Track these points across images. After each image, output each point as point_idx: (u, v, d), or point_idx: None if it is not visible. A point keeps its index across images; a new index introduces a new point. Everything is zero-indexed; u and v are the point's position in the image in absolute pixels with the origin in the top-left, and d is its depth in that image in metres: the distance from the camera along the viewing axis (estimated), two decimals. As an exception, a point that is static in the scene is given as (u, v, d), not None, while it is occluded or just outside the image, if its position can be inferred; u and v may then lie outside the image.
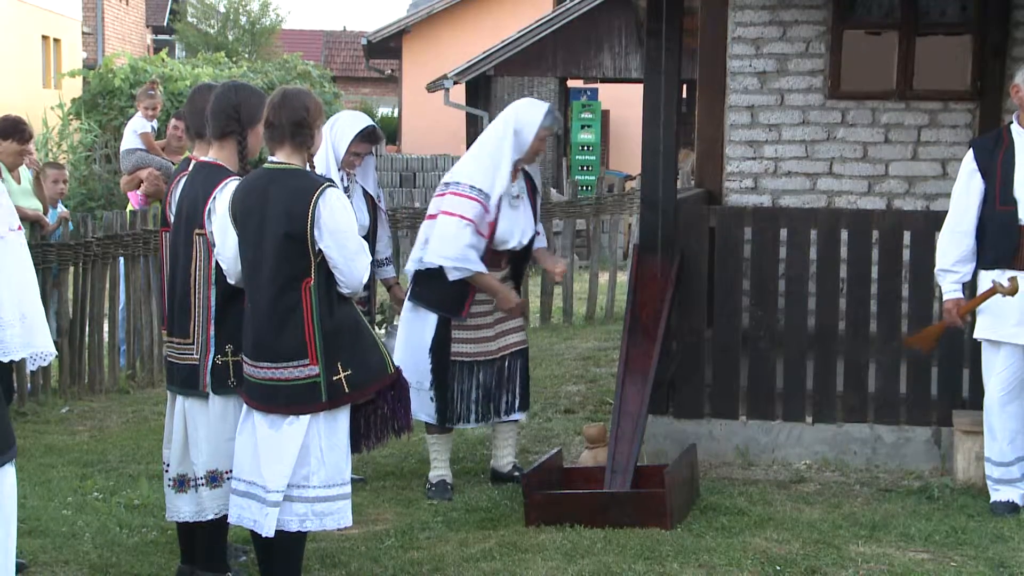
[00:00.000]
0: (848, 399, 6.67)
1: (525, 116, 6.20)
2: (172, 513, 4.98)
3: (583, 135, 23.29)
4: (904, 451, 6.62)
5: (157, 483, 6.12)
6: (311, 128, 4.62)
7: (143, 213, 9.46)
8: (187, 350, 4.86)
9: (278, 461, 4.58)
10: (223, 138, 4.89)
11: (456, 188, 6.12)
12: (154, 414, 8.22)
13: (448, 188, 6.16)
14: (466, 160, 6.25)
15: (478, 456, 7.03)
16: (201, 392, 4.82)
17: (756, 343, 6.72)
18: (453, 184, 6.16)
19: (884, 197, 8.26)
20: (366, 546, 5.50)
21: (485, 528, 5.77)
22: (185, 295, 4.85)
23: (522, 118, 6.19)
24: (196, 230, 4.81)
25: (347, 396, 4.61)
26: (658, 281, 6.51)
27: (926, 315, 6.57)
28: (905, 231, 6.65)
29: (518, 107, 6.30)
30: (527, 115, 6.21)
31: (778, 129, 8.34)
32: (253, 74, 20.09)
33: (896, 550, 5.39)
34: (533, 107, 6.27)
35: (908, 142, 8.25)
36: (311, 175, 4.66)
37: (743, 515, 5.83)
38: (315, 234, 4.53)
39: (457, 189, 6.11)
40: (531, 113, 6.22)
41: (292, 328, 4.55)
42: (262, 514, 4.60)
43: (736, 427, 6.74)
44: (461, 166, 6.24)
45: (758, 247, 6.74)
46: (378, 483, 6.56)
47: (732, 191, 8.37)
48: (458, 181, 6.14)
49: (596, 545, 5.38)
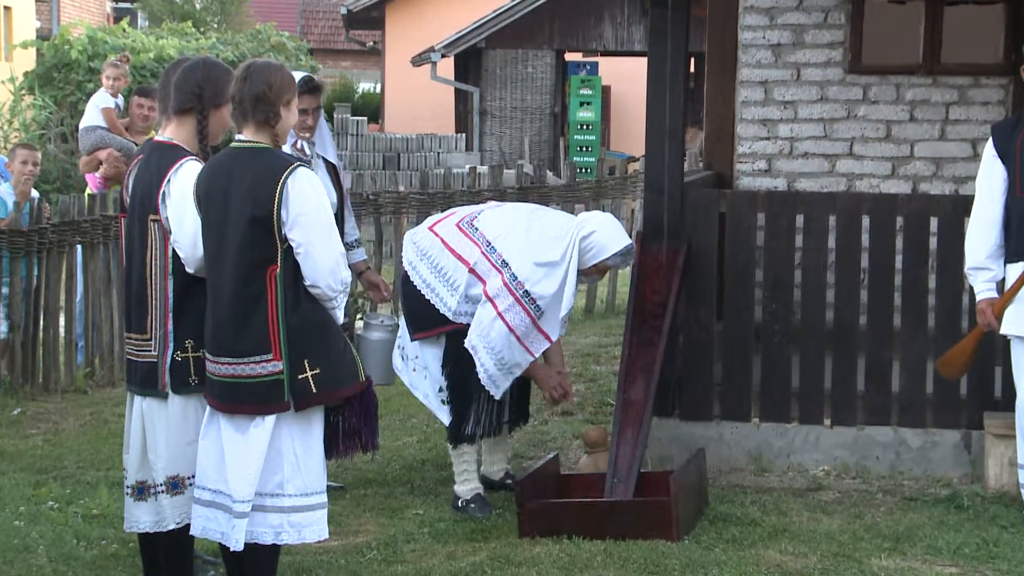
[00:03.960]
0: (870, 400, 6.68)
1: (598, 240, 6.01)
2: (131, 523, 4.98)
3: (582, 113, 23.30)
4: (931, 456, 6.62)
5: (117, 491, 6.12)
6: (274, 104, 4.61)
7: (102, 197, 9.44)
8: (145, 346, 4.87)
9: (244, 468, 4.58)
10: (182, 114, 4.89)
11: (510, 280, 5.96)
12: (114, 416, 8.21)
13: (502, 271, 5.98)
14: (520, 247, 6.01)
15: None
16: (160, 391, 4.83)
17: (770, 339, 6.72)
18: (505, 269, 5.98)
19: (909, 180, 8.26)
20: (346, 559, 5.50)
21: (475, 540, 5.77)
22: (142, 287, 4.86)
23: (595, 240, 6.01)
24: (150, 216, 4.82)
25: (315, 396, 4.60)
26: (663, 271, 6.51)
27: (955, 309, 6.58)
28: (932, 217, 6.65)
29: (598, 225, 6.09)
30: (601, 240, 6.02)
31: (794, 106, 8.33)
32: (223, 46, 20.06)
33: (922, 564, 5.40)
34: (614, 234, 6.07)
35: (935, 120, 8.25)
36: (279, 154, 4.66)
37: (756, 526, 5.83)
38: (282, 216, 4.52)
39: (511, 283, 5.96)
40: (606, 240, 6.03)
41: (255, 321, 4.55)
42: (229, 525, 4.60)
43: (748, 430, 6.74)
44: (517, 253, 6.00)
45: (772, 235, 6.74)
46: (359, 491, 6.55)
47: (744, 174, 8.36)
48: (527, 290, 5.95)
49: (596, 558, 5.38)
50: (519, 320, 5.96)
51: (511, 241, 6.06)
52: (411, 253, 6.27)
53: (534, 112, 23.95)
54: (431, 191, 11.77)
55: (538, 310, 5.98)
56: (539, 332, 6.03)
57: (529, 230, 6.09)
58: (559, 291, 5.98)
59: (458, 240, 6.16)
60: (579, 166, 18.04)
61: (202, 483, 4.70)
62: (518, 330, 5.96)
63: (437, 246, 6.19)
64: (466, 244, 6.13)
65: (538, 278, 5.97)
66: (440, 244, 6.18)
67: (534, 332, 6.01)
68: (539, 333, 6.03)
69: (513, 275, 5.98)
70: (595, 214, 6.35)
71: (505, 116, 23.97)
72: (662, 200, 6.63)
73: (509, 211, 6.33)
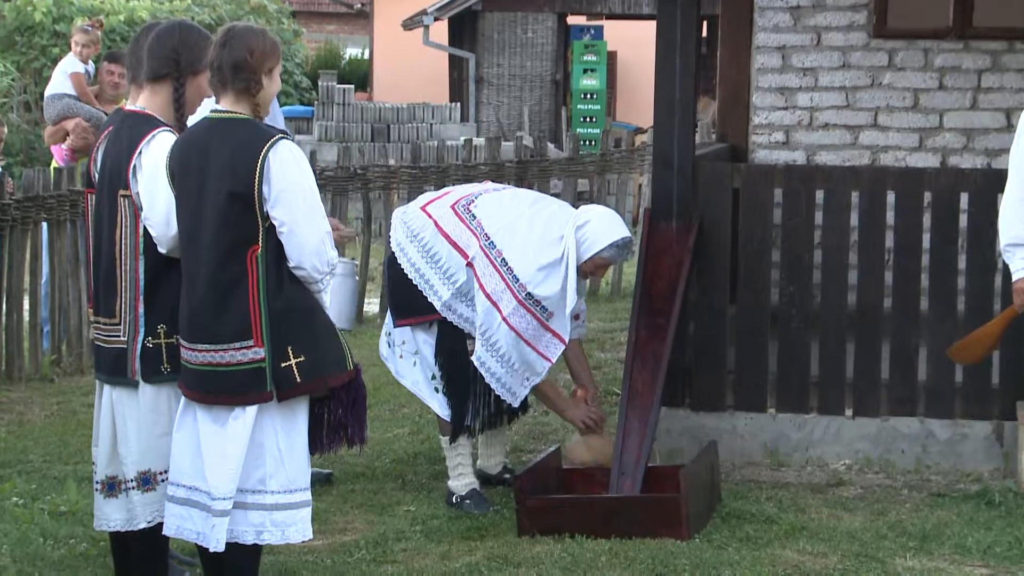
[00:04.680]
0: (895, 389, 6.68)
1: (592, 231, 6.03)
2: (100, 521, 4.99)
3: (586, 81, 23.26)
4: (960, 449, 6.63)
5: (86, 486, 6.12)
6: (255, 72, 4.61)
7: (69, 170, 9.42)
8: (114, 331, 4.87)
9: (223, 462, 4.59)
10: (157, 81, 4.88)
11: (511, 281, 5.97)
12: (83, 406, 8.22)
13: (501, 270, 5.99)
14: (520, 245, 6.02)
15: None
16: (130, 380, 4.83)
17: (787, 323, 6.72)
18: (506, 269, 5.99)
19: (938, 153, 8.26)
20: (332, 559, 5.50)
21: (471, 539, 5.78)
22: (111, 268, 4.86)
23: (589, 232, 6.03)
24: (120, 191, 4.82)
25: (299, 386, 4.61)
26: (673, 251, 6.51)
27: (986, 291, 6.58)
28: (962, 193, 6.65)
29: (593, 215, 6.13)
30: (595, 231, 6.04)
31: (814, 74, 8.32)
32: (199, 8, 20.03)
33: (950, 564, 5.41)
34: (610, 225, 6.09)
35: (966, 88, 8.24)
36: (260, 125, 4.66)
37: (772, 524, 5.84)
38: (264, 192, 4.51)
39: (514, 286, 5.97)
40: (601, 231, 6.06)
41: (235, 305, 4.55)
42: (207, 525, 4.61)
43: (764, 421, 6.75)
44: (518, 251, 6.02)
45: (790, 212, 6.73)
46: (346, 486, 6.56)
47: (760, 146, 8.36)
48: (530, 292, 5.96)
49: (600, 558, 5.39)
50: (526, 323, 5.97)
51: (512, 239, 6.05)
52: (400, 234, 6.23)
53: (534, 80, 23.92)
54: (423, 165, 11.77)
55: (544, 311, 6.00)
56: (551, 334, 6.03)
57: (531, 227, 6.08)
58: (563, 290, 6.00)
59: (454, 226, 6.12)
60: (582, 138, 18.03)
61: (176, 479, 4.70)
62: (526, 334, 5.98)
63: (430, 228, 6.16)
64: (463, 232, 6.10)
65: (540, 280, 5.99)
66: (433, 227, 6.15)
67: (545, 335, 6.03)
68: (551, 336, 6.04)
69: (515, 277, 5.98)
70: (594, 206, 6.38)
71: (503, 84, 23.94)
72: (671, 175, 6.62)
73: (509, 201, 6.29)
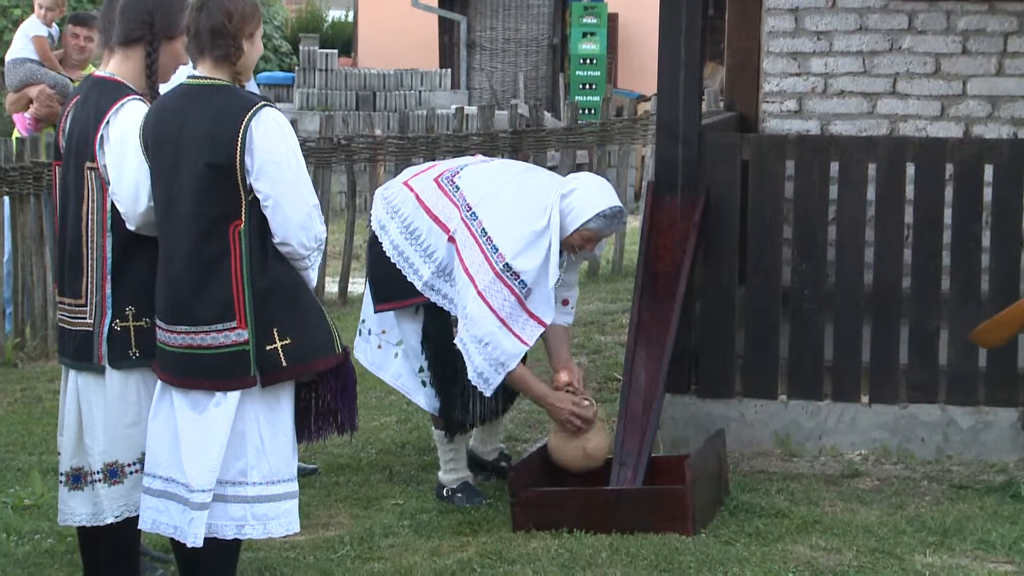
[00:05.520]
0: (914, 374, 6.71)
1: (578, 199, 5.99)
2: (65, 516, 5.00)
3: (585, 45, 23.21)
4: (983, 438, 6.66)
5: (52, 478, 6.13)
6: (234, 38, 4.63)
7: (33, 141, 9.43)
8: (79, 313, 4.88)
9: (203, 452, 4.60)
10: (128, 45, 4.89)
11: (490, 252, 5.93)
12: (48, 393, 8.24)
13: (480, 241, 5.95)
14: (503, 213, 5.99)
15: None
16: (96, 365, 4.84)
17: (800, 305, 6.74)
18: (485, 240, 5.95)
19: (961, 122, 8.27)
20: (315, 556, 5.53)
21: (463, 534, 5.80)
22: (76, 245, 4.86)
23: (575, 200, 5.98)
24: (87, 163, 4.83)
25: (285, 371, 4.62)
26: (678, 227, 6.53)
27: (1012, 269, 6.60)
28: (987, 164, 6.66)
29: (580, 184, 6.08)
30: (581, 200, 5.99)
31: (828, 37, 8.32)
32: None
33: (972, 561, 5.44)
34: (597, 194, 6.04)
35: (991, 53, 8.24)
36: (241, 92, 4.67)
37: (783, 517, 5.87)
38: (247, 164, 4.53)
39: (492, 256, 5.92)
40: (587, 200, 6.01)
41: (216, 284, 4.56)
42: (185, 519, 4.62)
43: (774, 409, 6.77)
44: (499, 220, 5.98)
45: (803, 185, 6.75)
46: (330, 478, 6.59)
47: (771, 115, 8.37)
48: (508, 263, 5.91)
49: (600, 554, 5.42)
50: (502, 299, 5.88)
51: (494, 207, 6.00)
52: (381, 211, 6.20)
53: (530, 44, 23.87)
54: (411, 135, 11.75)
55: (523, 286, 5.91)
56: (528, 315, 5.95)
57: (516, 195, 6.04)
58: (544, 264, 5.94)
59: (436, 199, 6.10)
60: (581, 106, 17.99)
61: (152, 470, 4.71)
62: (501, 312, 5.88)
63: (411, 203, 6.13)
64: (445, 205, 6.07)
65: (520, 249, 5.90)
66: (415, 201, 6.12)
67: (522, 315, 5.94)
68: (528, 316, 5.95)
69: (495, 247, 5.92)
70: (583, 174, 6.34)
71: (496, 49, 23.90)
72: (676, 145, 6.63)
73: (496, 170, 6.28)
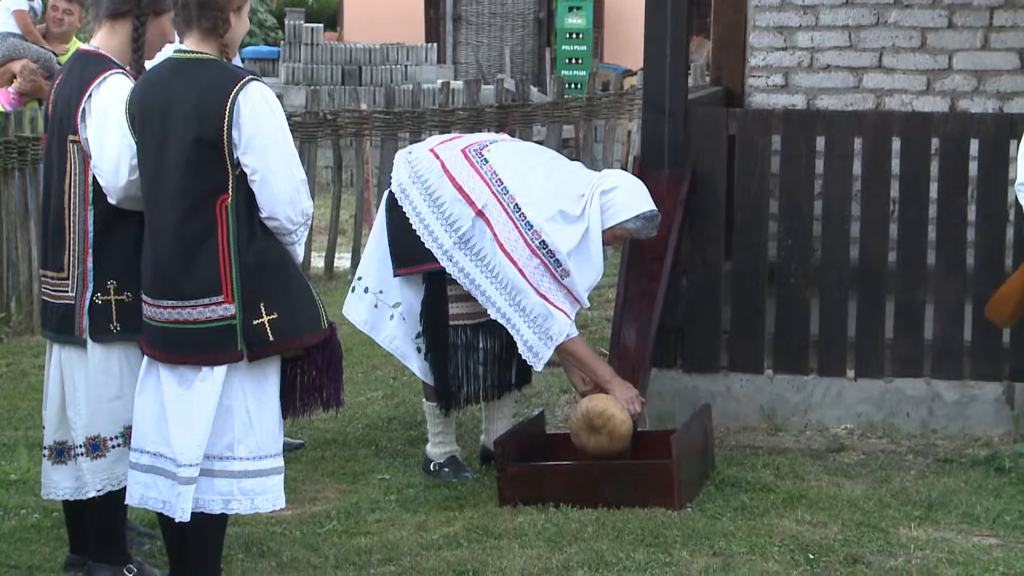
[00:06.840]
0: (899, 348, 6.72)
1: (619, 198, 6.01)
2: (48, 489, 5.01)
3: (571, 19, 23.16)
4: (968, 412, 6.67)
5: (38, 453, 6.09)
6: (222, 10, 4.61)
7: (16, 115, 9.40)
8: (62, 286, 4.88)
9: (189, 427, 4.59)
10: (115, 18, 4.88)
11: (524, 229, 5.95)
12: (34, 368, 8.22)
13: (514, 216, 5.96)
14: (536, 191, 6.00)
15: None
16: (78, 338, 4.84)
17: (786, 279, 6.74)
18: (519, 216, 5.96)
19: (946, 96, 8.26)
20: (301, 531, 5.53)
21: (449, 509, 5.80)
22: (59, 218, 4.87)
23: (616, 199, 6.01)
24: (69, 136, 4.82)
25: (272, 345, 4.62)
26: (664, 202, 6.51)
27: (997, 244, 6.60)
28: (972, 139, 6.66)
29: (621, 182, 6.09)
30: (623, 199, 6.02)
31: (815, 11, 8.30)
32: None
33: (957, 534, 5.45)
34: (639, 196, 6.07)
35: (977, 27, 8.23)
36: (228, 66, 4.65)
37: (768, 492, 5.88)
38: (234, 138, 4.51)
39: (527, 233, 5.94)
40: (629, 200, 6.03)
41: (203, 258, 4.56)
42: (173, 493, 4.62)
43: (760, 383, 6.78)
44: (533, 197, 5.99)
45: (789, 160, 6.74)
46: (316, 453, 6.58)
47: (757, 90, 8.36)
48: (544, 240, 5.92)
49: (587, 529, 5.42)
50: (540, 275, 5.92)
51: (528, 184, 6.01)
52: (403, 174, 6.16)
53: (516, 18, 23.82)
54: (397, 109, 11.73)
55: (559, 265, 5.93)
56: (566, 291, 5.97)
57: (549, 176, 6.07)
58: (580, 250, 5.94)
59: (462, 169, 6.07)
60: (568, 81, 17.98)
61: (140, 445, 4.71)
62: (540, 287, 5.92)
63: (436, 170, 6.09)
64: (472, 177, 6.05)
65: (555, 229, 5.93)
66: (440, 169, 6.09)
67: (561, 290, 5.96)
68: (567, 292, 5.98)
69: (528, 223, 5.94)
70: (619, 172, 6.36)
71: (483, 23, 23.84)
72: (663, 120, 6.63)
73: (527, 150, 6.33)
